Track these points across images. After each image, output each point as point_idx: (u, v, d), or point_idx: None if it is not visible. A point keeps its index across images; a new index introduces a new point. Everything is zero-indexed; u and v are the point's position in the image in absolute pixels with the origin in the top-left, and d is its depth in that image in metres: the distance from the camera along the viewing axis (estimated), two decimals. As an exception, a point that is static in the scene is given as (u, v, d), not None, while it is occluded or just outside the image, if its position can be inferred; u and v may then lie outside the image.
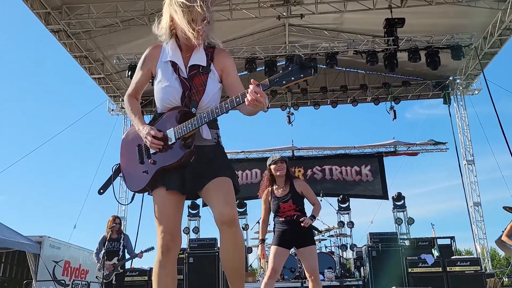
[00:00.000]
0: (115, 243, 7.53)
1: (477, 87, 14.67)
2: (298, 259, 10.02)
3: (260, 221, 4.99)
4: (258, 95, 2.10)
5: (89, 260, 13.92)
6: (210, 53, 2.47)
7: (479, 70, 13.42)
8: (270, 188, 4.83)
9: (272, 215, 4.87)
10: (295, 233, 4.62)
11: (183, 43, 2.43)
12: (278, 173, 4.74)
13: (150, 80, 2.58)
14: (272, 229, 4.88)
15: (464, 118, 14.79)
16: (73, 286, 10.38)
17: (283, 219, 4.69)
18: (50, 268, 11.36)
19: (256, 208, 17.11)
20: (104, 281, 7.23)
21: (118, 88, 14.45)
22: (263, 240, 4.92)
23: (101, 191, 2.57)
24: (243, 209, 14.42)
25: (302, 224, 4.57)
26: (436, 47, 11.23)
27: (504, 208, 8.31)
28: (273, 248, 4.66)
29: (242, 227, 13.99)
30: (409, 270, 8.93)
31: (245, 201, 14.50)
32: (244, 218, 14.34)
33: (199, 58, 2.43)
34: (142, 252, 7.70)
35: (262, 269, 10.76)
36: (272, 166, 4.78)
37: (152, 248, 7.93)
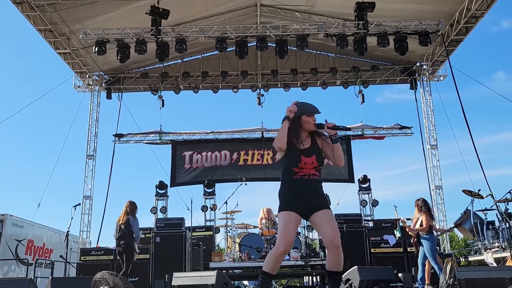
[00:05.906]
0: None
1: (443, 73, 15.04)
2: (266, 239, 10.16)
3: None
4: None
5: (54, 239, 13.69)
6: None
7: (445, 57, 13.73)
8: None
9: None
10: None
11: None
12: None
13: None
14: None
15: (429, 104, 15.15)
16: (37, 265, 10.20)
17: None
18: (12, 247, 11.13)
19: (224, 190, 17.14)
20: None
21: (84, 64, 14.04)
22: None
23: None
24: (211, 190, 14.47)
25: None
26: (405, 32, 11.37)
27: (464, 191, 8.67)
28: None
29: (210, 207, 14.05)
30: (372, 250, 9.22)
31: (213, 182, 14.54)
32: (212, 198, 14.40)
33: None
34: None
35: (229, 249, 10.86)
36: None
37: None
